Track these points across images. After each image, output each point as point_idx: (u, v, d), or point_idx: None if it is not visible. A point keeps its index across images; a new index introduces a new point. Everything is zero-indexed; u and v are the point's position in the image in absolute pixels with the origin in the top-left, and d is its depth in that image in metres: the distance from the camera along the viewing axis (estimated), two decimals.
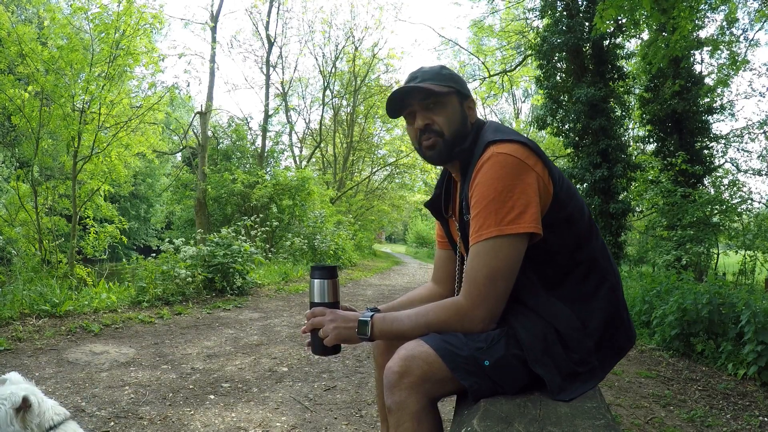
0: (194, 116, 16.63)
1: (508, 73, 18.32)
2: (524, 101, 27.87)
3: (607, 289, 1.23)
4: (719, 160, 11.74)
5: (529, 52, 13.27)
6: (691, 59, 10.37)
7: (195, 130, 16.71)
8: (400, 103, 1.31)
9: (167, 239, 7.06)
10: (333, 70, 22.36)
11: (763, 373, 3.24)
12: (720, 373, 3.59)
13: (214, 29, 16.16)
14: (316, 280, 1.32)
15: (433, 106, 1.27)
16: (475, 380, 1.11)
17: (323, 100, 22.74)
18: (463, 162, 1.27)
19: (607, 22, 5.46)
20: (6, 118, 8.83)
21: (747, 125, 12.31)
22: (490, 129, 1.25)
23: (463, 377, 1.11)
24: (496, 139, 1.16)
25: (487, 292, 1.12)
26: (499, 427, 0.97)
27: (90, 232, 9.92)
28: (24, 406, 1.36)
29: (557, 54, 10.03)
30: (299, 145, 24.99)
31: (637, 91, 11.15)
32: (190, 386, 3.00)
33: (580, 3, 9.79)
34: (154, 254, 6.39)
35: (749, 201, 8.98)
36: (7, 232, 8.98)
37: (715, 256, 8.28)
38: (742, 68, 9.78)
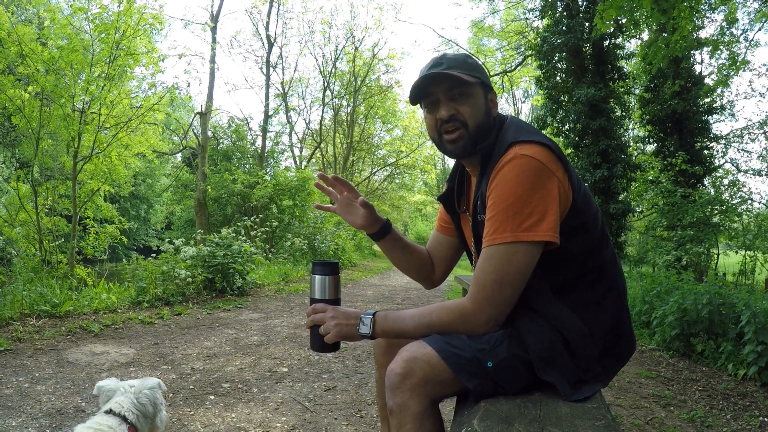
0: (194, 116, 16.65)
1: (508, 74, 18.34)
2: (524, 101, 27.91)
3: (615, 296, 1.22)
4: (719, 161, 11.76)
5: (529, 52, 13.28)
6: (691, 60, 10.38)
7: (195, 131, 16.73)
8: (422, 89, 1.23)
9: (167, 239, 7.06)
10: (333, 71, 22.37)
11: (763, 374, 3.23)
12: (720, 374, 3.59)
13: (214, 29, 16.18)
14: (317, 276, 1.31)
15: (458, 96, 1.20)
16: (478, 382, 1.11)
17: (323, 100, 22.75)
18: (483, 158, 1.21)
19: (608, 22, 5.46)
20: (6, 118, 8.84)
21: (747, 125, 12.32)
22: (513, 126, 1.20)
23: (466, 379, 1.10)
24: (520, 139, 1.12)
25: (494, 296, 1.10)
26: (499, 427, 0.97)
27: (90, 233, 9.93)
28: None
29: (557, 54, 10.05)
30: (299, 145, 25.01)
31: (637, 91, 11.16)
32: (190, 386, 3.00)
33: (580, 3, 9.80)
34: (154, 254, 6.39)
35: (749, 201, 8.99)
36: (7, 232, 8.99)
37: (715, 256, 8.28)
38: (742, 68, 9.78)
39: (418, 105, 1.30)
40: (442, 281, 1.59)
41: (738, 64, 8.99)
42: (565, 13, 9.81)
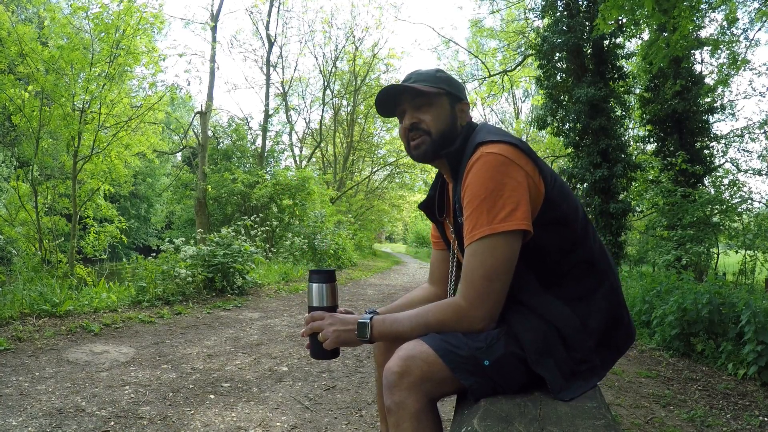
0: (194, 116, 16.64)
1: (508, 73, 18.33)
2: (524, 101, 27.90)
3: (607, 288, 1.23)
4: (719, 160, 11.74)
5: (530, 51, 13.28)
6: (692, 59, 10.36)
7: (195, 130, 16.73)
8: (393, 102, 1.34)
9: (167, 239, 7.06)
10: (333, 70, 22.38)
11: (763, 373, 3.24)
12: (720, 373, 3.59)
13: (214, 29, 16.17)
14: (314, 284, 1.33)
15: (422, 106, 1.30)
16: (475, 380, 1.11)
17: (323, 99, 22.76)
18: (452, 164, 1.27)
19: (609, 23, 5.45)
20: (6, 117, 8.84)
21: (747, 125, 12.32)
22: (482, 131, 1.25)
23: (463, 377, 1.11)
24: (486, 140, 1.17)
25: (485, 291, 1.12)
26: (499, 426, 0.97)
27: (90, 232, 9.93)
28: None
29: (557, 54, 10.03)
30: (299, 144, 25.02)
31: (637, 90, 11.14)
32: (190, 386, 3.00)
33: (580, 3, 9.78)
34: (154, 254, 6.38)
35: (749, 201, 8.98)
36: (7, 231, 8.99)
37: (715, 256, 8.27)
38: (743, 68, 9.78)
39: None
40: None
41: (738, 63, 8.97)
42: (565, 13, 9.79)
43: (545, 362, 1.12)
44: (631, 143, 12.62)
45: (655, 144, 11.00)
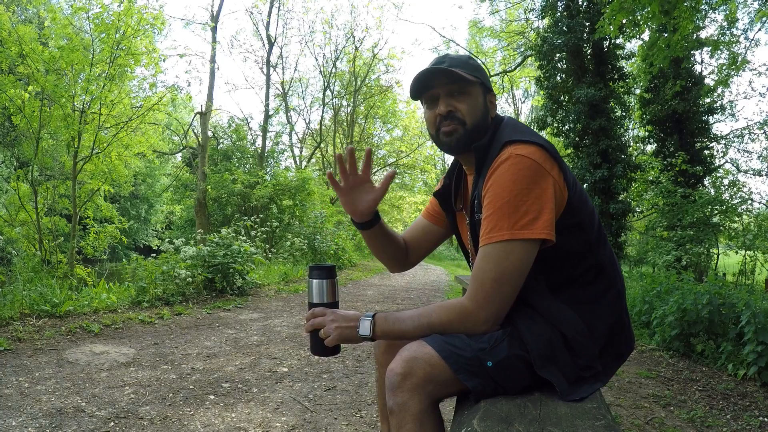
0: (194, 116, 16.62)
1: (508, 74, 18.36)
2: (524, 102, 27.92)
3: (613, 295, 1.22)
4: (719, 161, 11.78)
5: (530, 52, 13.29)
6: (692, 60, 10.38)
7: (195, 131, 16.71)
8: (423, 84, 1.26)
9: (167, 239, 7.06)
10: (333, 71, 22.39)
11: (763, 374, 3.23)
12: (720, 374, 3.58)
13: (214, 29, 16.16)
14: (314, 281, 1.31)
15: (458, 93, 1.24)
16: (478, 381, 1.11)
17: (323, 100, 22.77)
18: (478, 157, 1.23)
19: (611, 28, 5.45)
20: (6, 118, 8.84)
21: (747, 126, 12.35)
22: (509, 127, 1.22)
23: (466, 378, 1.10)
24: (515, 139, 1.14)
25: (494, 294, 1.10)
26: (499, 427, 0.97)
27: (90, 232, 9.94)
28: None
29: (557, 54, 10.05)
30: (299, 145, 25.03)
31: (637, 91, 11.15)
32: (190, 386, 3.00)
33: (580, 3, 9.80)
34: (154, 254, 6.39)
35: (749, 201, 8.99)
36: (7, 232, 8.99)
37: (715, 256, 8.28)
38: (742, 68, 9.77)
39: (419, 102, 1.32)
40: (413, 267, 1.61)
41: (738, 63, 8.97)
42: (565, 13, 9.81)
43: (550, 368, 1.11)
44: (631, 144, 12.65)
45: (655, 144, 11.02)
